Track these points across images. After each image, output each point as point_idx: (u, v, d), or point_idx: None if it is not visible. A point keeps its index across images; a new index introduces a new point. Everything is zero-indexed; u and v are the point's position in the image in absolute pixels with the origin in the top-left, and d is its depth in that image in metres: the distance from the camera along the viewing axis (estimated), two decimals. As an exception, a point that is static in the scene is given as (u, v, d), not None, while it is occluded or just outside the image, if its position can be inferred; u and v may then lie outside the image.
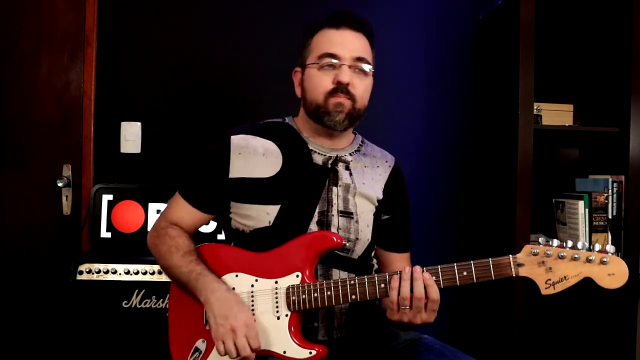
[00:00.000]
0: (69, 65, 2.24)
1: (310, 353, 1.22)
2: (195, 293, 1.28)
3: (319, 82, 1.34)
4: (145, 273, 1.79)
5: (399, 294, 1.18)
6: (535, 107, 1.96)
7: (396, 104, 2.29)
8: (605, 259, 1.12)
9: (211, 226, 1.96)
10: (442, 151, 2.32)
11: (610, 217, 1.98)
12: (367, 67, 1.35)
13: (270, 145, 1.38)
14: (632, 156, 1.94)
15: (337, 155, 1.40)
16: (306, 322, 1.30)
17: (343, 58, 1.32)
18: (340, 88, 1.32)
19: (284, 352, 1.23)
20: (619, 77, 1.99)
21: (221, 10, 2.25)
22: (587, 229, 1.97)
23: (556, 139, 2.23)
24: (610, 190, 1.98)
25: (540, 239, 1.17)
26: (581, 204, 1.97)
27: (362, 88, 1.35)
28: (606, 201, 1.97)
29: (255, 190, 1.34)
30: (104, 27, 2.22)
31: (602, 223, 1.97)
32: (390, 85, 2.27)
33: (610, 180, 1.98)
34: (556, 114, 2.09)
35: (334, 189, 1.36)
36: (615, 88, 2.03)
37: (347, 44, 1.34)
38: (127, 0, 2.23)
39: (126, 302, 1.79)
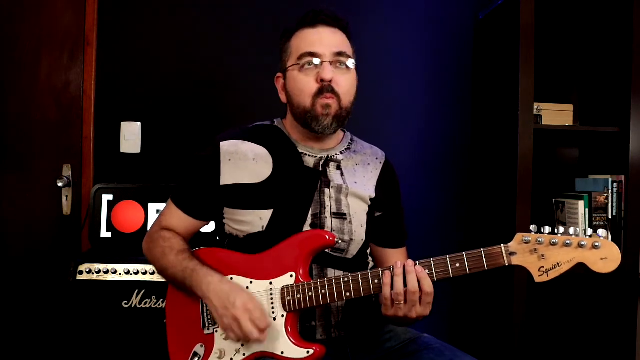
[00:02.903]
0: (69, 65, 2.24)
1: (308, 352, 1.21)
2: (192, 290, 1.28)
3: (303, 84, 1.32)
4: (145, 273, 1.79)
5: (392, 289, 1.18)
6: (535, 107, 1.96)
7: (396, 104, 2.29)
8: (597, 243, 1.11)
9: (211, 226, 1.95)
10: (442, 151, 2.32)
11: (610, 217, 1.97)
12: (349, 61, 1.34)
13: (260, 150, 1.37)
14: (632, 156, 1.94)
15: (327, 156, 1.39)
16: (303, 321, 1.30)
17: (323, 55, 1.31)
18: (325, 87, 1.30)
19: (282, 352, 1.23)
20: (619, 77, 1.99)
21: (221, 10, 2.25)
22: (587, 227, 1.97)
23: (556, 139, 2.23)
24: (610, 190, 1.98)
25: (532, 227, 1.16)
26: (581, 204, 1.97)
27: (346, 84, 1.33)
28: (606, 201, 1.97)
29: (247, 196, 1.34)
30: (104, 27, 2.22)
31: (602, 223, 1.97)
32: (390, 85, 2.27)
33: (610, 180, 1.98)
34: (556, 114, 2.09)
35: (326, 190, 1.36)
36: (615, 88, 2.02)
37: (325, 41, 1.32)
38: (127, 0, 2.23)
39: (126, 302, 1.79)
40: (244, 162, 1.36)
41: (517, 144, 1.89)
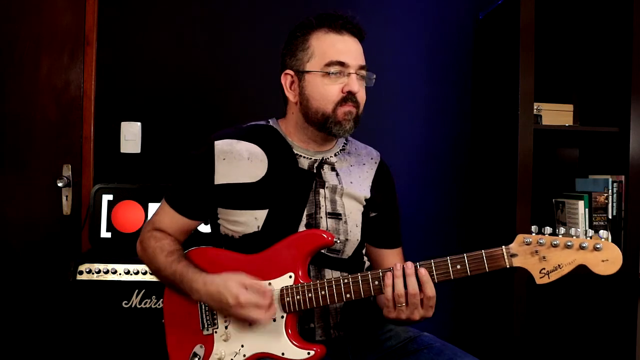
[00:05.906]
0: (69, 65, 2.24)
1: (309, 353, 1.21)
2: (187, 294, 1.29)
3: (328, 92, 1.31)
4: (145, 273, 1.79)
5: (393, 290, 1.18)
6: (535, 107, 1.96)
7: (396, 104, 2.29)
8: (598, 245, 1.10)
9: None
10: (442, 151, 2.32)
11: (610, 217, 1.97)
12: (370, 75, 1.36)
13: (255, 149, 1.36)
14: (632, 156, 1.94)
15: (322, 158, 1.39)
16: (302, 323, 1.30)
17: (352, 67, 1.31)
18: (350, 97, 1.31)
19: (282, 353, 1.23)
20: (618, 77, 1.99)
21: (221, 10, 2.25)
22: (587, 229, 1.96)
23: (556, 139, 2.23)
24: (610, 190, 1.98)
25: (533, 227, 1.15)
26: (581, 204, 1.97)
27: (364, 94, 1.35)
28: (606, 201, 1.97)
29: (242, 196, 1.33)
30: (104, 27, 2.22)
31: (602, 223, 1.97)
32: (390, 85, 2.27)
33: (610, 180, 1.98)
34: (556, 114, 2.09)
35: (321, 191, 1.36)
36: (615, 88, 2.02)
37: (352, 52, 1.33)
38: (127, 0, 2.23)
39: (126, 302, 1.79)
40: (239, 161, 1.35)
41: (517, 144, 1.89)
